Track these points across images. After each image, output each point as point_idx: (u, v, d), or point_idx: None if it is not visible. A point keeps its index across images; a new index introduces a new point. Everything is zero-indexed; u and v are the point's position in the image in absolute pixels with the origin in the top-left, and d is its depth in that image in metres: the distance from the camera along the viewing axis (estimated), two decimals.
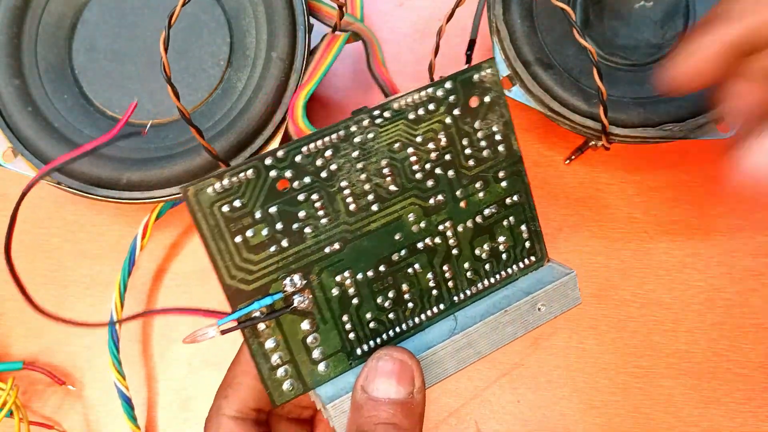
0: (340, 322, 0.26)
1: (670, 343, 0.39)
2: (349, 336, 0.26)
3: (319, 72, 0.33)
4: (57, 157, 0.33)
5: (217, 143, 0.33)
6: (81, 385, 0.39)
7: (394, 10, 0.40)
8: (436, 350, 0.26)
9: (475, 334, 0.26)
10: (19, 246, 0.39)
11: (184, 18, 0.35)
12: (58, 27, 0.35)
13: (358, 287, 0.26)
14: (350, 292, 0.26)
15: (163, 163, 0.33)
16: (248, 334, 0.25)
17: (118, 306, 0.35)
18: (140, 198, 0.33)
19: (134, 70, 0.35)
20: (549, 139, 0.40)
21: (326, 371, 0.26)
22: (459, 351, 0.26)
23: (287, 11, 0.34)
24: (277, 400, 0.25)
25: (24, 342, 0.39)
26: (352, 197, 0.25)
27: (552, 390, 0.38)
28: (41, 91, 0.34)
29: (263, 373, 0.25)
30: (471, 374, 0.39)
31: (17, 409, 0.36)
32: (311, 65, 0.33)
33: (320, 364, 0.26)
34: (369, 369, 0.24)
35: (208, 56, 0.35)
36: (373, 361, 0.24)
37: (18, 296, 0.39)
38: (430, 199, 0.26)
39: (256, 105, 0.33)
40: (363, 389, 0.24)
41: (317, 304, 0.25)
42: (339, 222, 0.25)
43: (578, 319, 0.39)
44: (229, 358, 0.39)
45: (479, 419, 0.38)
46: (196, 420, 0.38)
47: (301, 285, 0.25)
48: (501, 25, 0.34)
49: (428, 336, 0.27)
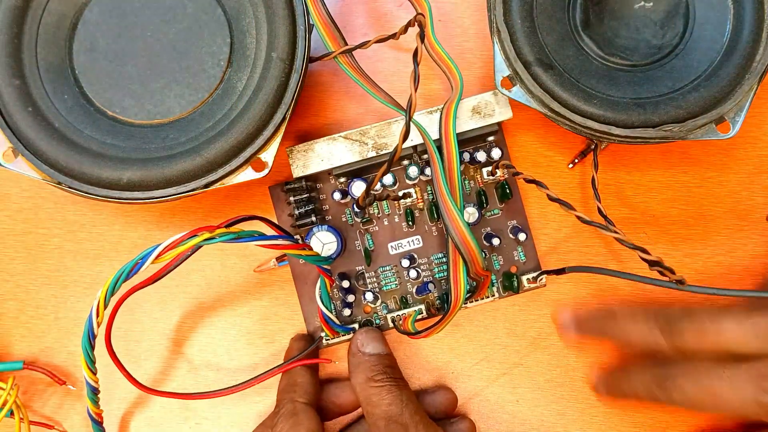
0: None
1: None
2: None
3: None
4: (58, 158, 0.33)
5: (218, 143, 0.33)
6: (81, 385, 0.39)
7: (394, 10, 0.41)
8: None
9: None
10: (19, 246, 0.39)
11: (185, 18, 0.35)
12: (58, 27, 0.35)
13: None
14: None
15: (163, 163, 0.33)
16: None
17: (101, 306, 0.34)
18: (140, 198, 0.33)
19: (134, 70, 0.35)
20: (548, 139, 0.40)
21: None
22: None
23: (287, 11, 0.34)
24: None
25: (24, 342, 0.39)
26: None
27: (551, 389, 0.39)
28: (41, 91, 0.34)
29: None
30: (470, 374, 0.39)
31: (17, 409, 0.36)
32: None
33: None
34: (362, 336, 0.36)
35: (208, 56, 0.35)
36: (361, 333, 0.37)
37: (18, 296, 0.39)
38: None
39: (256, 105, 0.33)
40: (359, 350, 0.36)
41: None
42: None
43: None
44: (227, 360, 0.39)
45: (479, 419, 0.38)
46: (196, 420, 0.38)
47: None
48: (501, 25, 0.35)
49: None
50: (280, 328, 0.39)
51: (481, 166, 0.38)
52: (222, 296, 0.39)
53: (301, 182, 0.37)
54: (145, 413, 0.39)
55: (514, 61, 0.34)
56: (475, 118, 0.36)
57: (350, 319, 0.38)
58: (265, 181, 0.38)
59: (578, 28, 0.36)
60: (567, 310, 0.38)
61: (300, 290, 0.38)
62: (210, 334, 0.39)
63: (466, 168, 0.39)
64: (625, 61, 0.36)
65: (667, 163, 0.40)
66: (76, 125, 0.34)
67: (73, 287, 0.39)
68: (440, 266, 0.38)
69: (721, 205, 0.39)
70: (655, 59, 0.36)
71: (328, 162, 0.36)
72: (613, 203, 0.39)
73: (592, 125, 0.34)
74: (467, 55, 0.40)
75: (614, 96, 0.34)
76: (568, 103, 0.34)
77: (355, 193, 0.36)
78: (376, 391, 0.34)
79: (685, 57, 0.35)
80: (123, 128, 0.35)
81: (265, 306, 0.39)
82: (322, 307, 0.35)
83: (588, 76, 0.35)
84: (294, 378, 0.36)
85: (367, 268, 0.38)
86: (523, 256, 0.38)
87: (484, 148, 0.38)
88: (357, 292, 0.38)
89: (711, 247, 0.39)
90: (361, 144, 0.36)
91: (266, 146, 0.34)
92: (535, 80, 0.34)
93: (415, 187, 0.38)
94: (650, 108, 0.33)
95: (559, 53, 0.35)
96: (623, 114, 0.33)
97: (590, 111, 0.34)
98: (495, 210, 0.39)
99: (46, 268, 0.39)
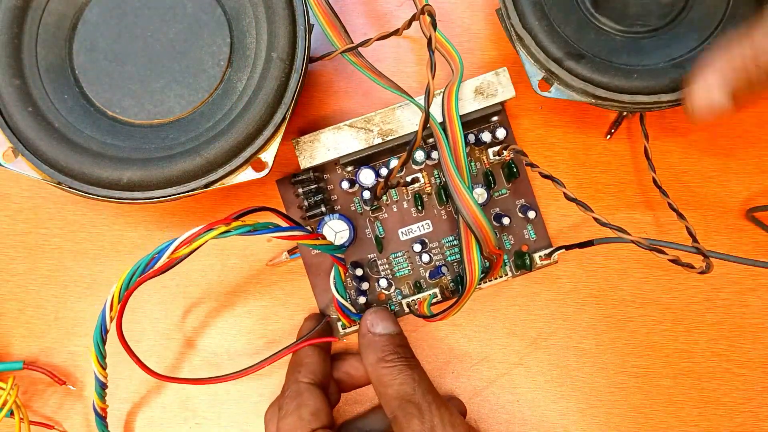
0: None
1: (670, 343, 0.39)
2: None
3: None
4: (58, 158, 0.33)
5: (218, 143, 0.33)
6: (81, 385, 0.39)
7: (394, 10, 0.41)
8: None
9: None
10: (20, 246, 0.39)
11: (185, 18, 0.35)
12: (58, 27, 0.35)
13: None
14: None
15: (163, 163, 0.33)
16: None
17: (115, 300, 0.34)
18: (140, 198, 0.33)
19: (134, 70, 0.35)
20: (552, 117, 0.40)
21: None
22: None
23: (287, 11, 0.34)
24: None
25: (24, 342, 0.39)
26: None
27: (551, 389, 0.39)
28: (41, 91, 0.34)
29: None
30: (470, 374, 0.39)
31: (18, 409, 0.36)
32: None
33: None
34: (371, 317, 0.36)
35: (208, 56, 0.35)
36: (370, 313, 0.36)
37: (18, 296, 0.39)
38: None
39: (256, 105, 0.33)
40: (369, 331, 0.35)
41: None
42: None
43: (577, 318, 0.39)
44: (227, 360, 0.39)
45: (479, 419, 0.38)
46: (196, 420, 0.38)
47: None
48: (521, 31, 0.35)
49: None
50: (280, 328, 0.39)
51: (486, 146, 0.38)
52: (222, 296, 0.39)
53: (309, 173, 0.37)
54: (146, 413, 0.39)
55: (546, 61, 0.34)
56: (479, 99, 0.36)
57: (366, 306, 0.38)
58: (265, 181, 0.38)
59: (590, 10, 0.36)
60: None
61: (313, 281, 0.38)
62: (210, 334, 0.39)
63: (471, 150, 0.39)
64: (645, 27, 0.36)
65: (667, 163, 0.39)
66: (76, 125, 0.34)
67: (73, 287, 0.39)
68: (452, 249, 0.38)
69: (721, 205, 0.39)
70: (673, 17, 0.36)
71: (335, 151, 0.36)
72: (613, 203, 0.39)
73: (641, 99, 0.34)
74: (467, 55, 0.40)
75: (650, 65, 0.34)
76: (610, 86, 0.34)
77: (363, 181, 0.36)
78: (387, 371, 0.34)
79: (699, 6, 0.35)
80: (123, 128, 0.35)
81: (265, 306, 0.39)
82: (337, 296, 0.36)
83: (618, 54, 0.35)
84: (300, 359, 0.36)
85: (379, 256, 0.38)
86: (534, 234, 0.38)
87: (489, 129, 0.38)
88: (371, 280, 0.38)
89: (711, 246, 0.39)
90: (366, 131, 0.36)
91: (266, 146, 0.34)
92: (571, 74, 0.34)
93: (422, 172, 0.38)
94: (689, 65, 0.33)
95: (582, 41, 0.35)
96: (666, 79, 0.33)
97: (634, 86, 0.34)
98: (503, 190, 0.39)
99: (46, 268, 0.39)
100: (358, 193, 0.38)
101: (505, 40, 0.38)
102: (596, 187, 0.39)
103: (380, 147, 0.36)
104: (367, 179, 0.37)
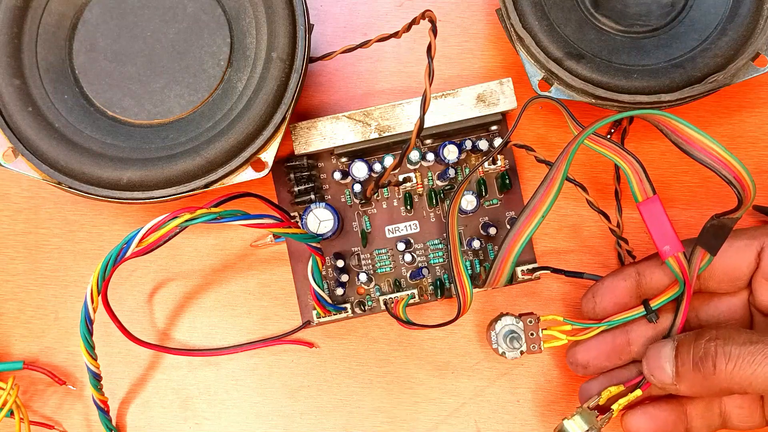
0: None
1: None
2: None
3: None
4: (58, 158, 0.33)
5: (218, 143, 0.33)
6: (81, 384, 0.39)
7: (394, 11, 0.41)
8: None
9: None
10: (20, 246, 0.39)
11: (185, 18, 0.35)
12: (58, 27, 0.35)
13: None
14: None
15: (163, 163, 0.33)
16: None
17: (94, 291, 0.34)
18: (140, 198, 0.33)
19: (134, 70, 0.35)
20: (551, 123, 0.40)
21: None
22: None
23: (287, 11, 0.34)
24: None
25: (24, 342, 0.39)
26: None
27: (552, 390, 0.39)
28: (42, 91, 0.34)
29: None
30: (470, 374, 0.39)
31: (18, 409, 0.36)
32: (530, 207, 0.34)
33: None
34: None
35: (208, 56, 0.35)
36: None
37: (18, 296, 0.39)
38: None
39: (256, 105, 0.33)
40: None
41: None
42: None
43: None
44: (228, 358, 0.39)
45: (479, 419, 0.38)
46: (196, 420, 0.38)
47: None
48: (522, 31, 0.34)
49: None
50: (280, 329, 0.39)
51: (482, 154, 0.38)
52: (222, 296, 0.39)
53: (303, 160, 0.37)
54: (146, 413, 0.39)
55: (546, 61, 0.34)
56: (480, 106, 0.36)
57: (342, 298, 0.38)
58: (265, 181, 0.38)
59: (590, 10, 0.36)
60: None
61: (295, 267, 0.38)
62: (210, 334, 0.39)
63: (467, 156, 0.39)
64: (645, 27, 0.36)
65: (667, 164, 0.39)
66: (76, 125, 0.34)
67: (73, 287, 0.39)
68: (435, 252, 0.38)
69: (721, 206, 0.39)
70: (673, 17, 0.36)
71: (330, 141, 0.36)
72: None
73: (641, 99, 0.34)
74: (467, 55, 0.40)
75: (650, 64, 0.34)
76: (610, 86, 0.34)
77: (356, 174, 0.36)
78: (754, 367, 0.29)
79: (700, 6, 0.35)
80: (123, 128, 0.35)
81: (265, 306, 0.39)
82: (313, 285, 0.35)
83: (618, 54, 0.35)
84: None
85: (363, 250, 0.38)
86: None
87: (487, 138, 0.38)
88: (351, 273, 0.38)
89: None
90: (364, 125, 0.36)
91: (266, 146, 0.34)
92: (571, 73, 0.34)
93: (416, 172, 0.38)
94: (689, 65, 0.33)
95: (582, 41, 0.35)
96: (666, 79, 0.33)
97: (634, 86, 0.34)
98: (494, 200, 0.39)
99: (46, 268, 0.39)
100: (349, 185, 0.38)
101: (504, 41, 0.38)
102: (596, 187, 0.39)
103: (376, 142, 0.36)
104: (359, 172, 0.36)
